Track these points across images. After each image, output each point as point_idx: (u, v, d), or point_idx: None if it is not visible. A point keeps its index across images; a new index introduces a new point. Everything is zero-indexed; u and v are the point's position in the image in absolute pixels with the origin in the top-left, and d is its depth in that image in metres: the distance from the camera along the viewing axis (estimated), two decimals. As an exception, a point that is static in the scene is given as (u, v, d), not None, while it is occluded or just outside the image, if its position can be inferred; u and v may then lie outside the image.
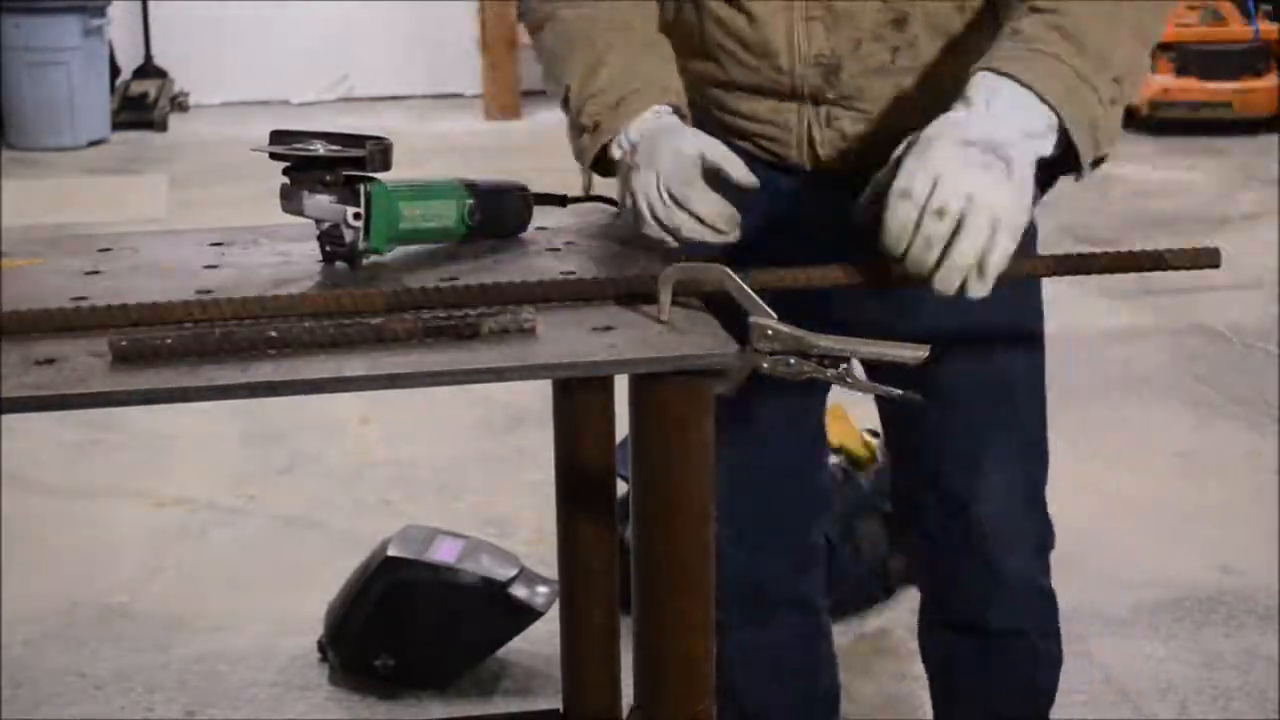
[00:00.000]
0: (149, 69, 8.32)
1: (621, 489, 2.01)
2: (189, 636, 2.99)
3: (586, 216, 1.78)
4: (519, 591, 2.78)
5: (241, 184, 5.51)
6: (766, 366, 1.38)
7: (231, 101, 8.45)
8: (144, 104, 8.02)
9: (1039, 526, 1.93)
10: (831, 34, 1.68)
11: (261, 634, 2.99)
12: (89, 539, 3.42)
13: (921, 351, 1.41)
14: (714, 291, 1.42)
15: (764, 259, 1.52)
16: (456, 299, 1.44)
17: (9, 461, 3.51)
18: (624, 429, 1.48)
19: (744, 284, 1.39)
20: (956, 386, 1.79)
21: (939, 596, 2.00)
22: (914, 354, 1.41)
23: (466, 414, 4.07)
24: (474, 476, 3.72)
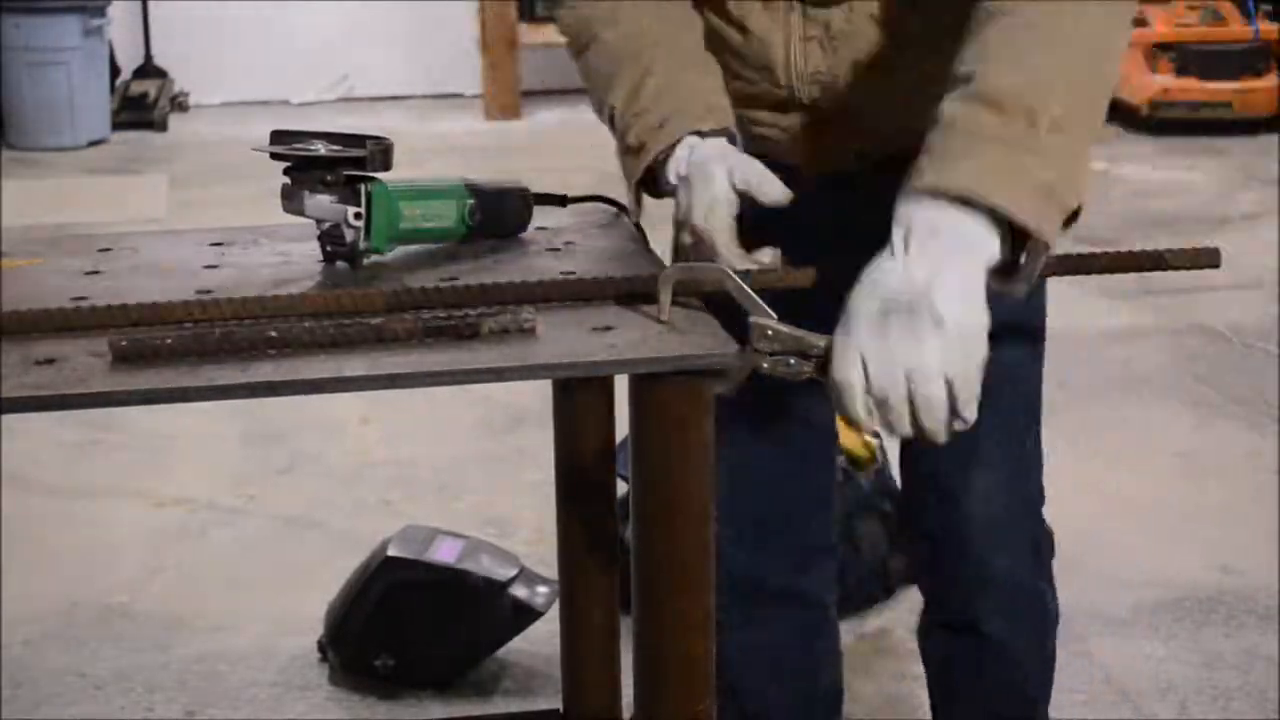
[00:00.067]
0: (149, 69, 8.30)
1: (621, 489, 2.01)
2: (189, 636, 2.98)
3: (586, 216, 1.79)
4: (519, 591, 2.78)
5: (241, 184, 5.51)
6: (766, 366, 1.38)
7: (231, 101, 8.43)
8: (144, 104, 8.00)
9: (1032, 527, 1.93)
10: (829, 54, 1.68)
11: (261, 634, 2.98)
12: (89, 539, 3.41)
13: None
14: (714, 291, 1.42)
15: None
16: (456, 299, 1.44)
17: (9, 461, 3.51)
18: (624, 429, 1.48)
19: (744, 284, 1.39)
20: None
21: (938, 597, 1.99)
22: None
23: (466, 414, 4.06)
24: (474, 476, 3.71)
